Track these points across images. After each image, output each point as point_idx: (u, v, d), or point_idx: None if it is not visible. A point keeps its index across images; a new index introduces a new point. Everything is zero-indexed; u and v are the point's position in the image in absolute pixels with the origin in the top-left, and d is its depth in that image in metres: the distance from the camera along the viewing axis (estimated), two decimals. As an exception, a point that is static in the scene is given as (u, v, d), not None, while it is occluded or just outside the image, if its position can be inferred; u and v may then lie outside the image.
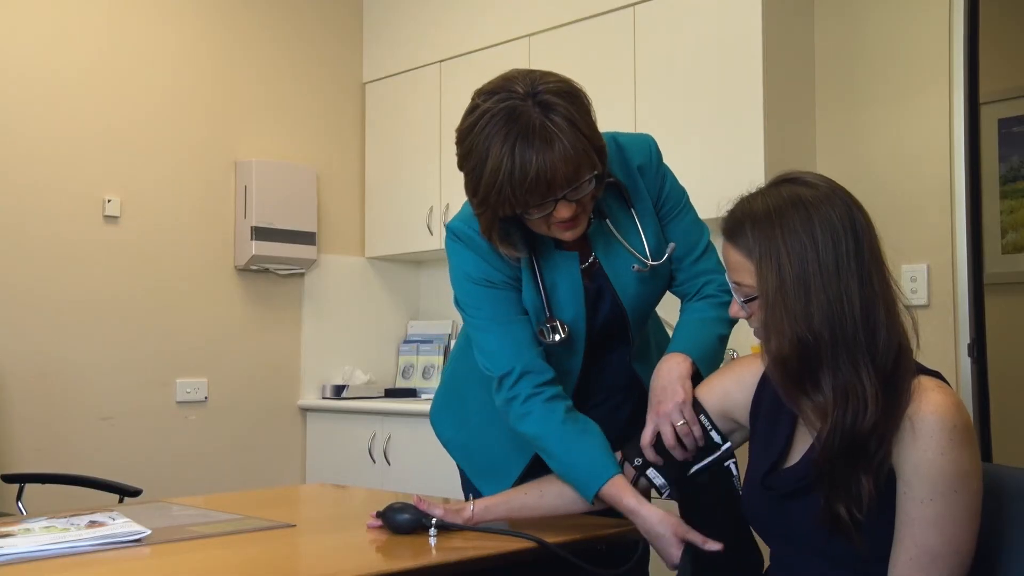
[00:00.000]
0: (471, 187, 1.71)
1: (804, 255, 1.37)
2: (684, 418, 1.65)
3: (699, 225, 1.96)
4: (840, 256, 1.36)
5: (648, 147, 1.91)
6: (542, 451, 1.79)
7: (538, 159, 1.61)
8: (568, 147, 1.62)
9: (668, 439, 1.65)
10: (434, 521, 1.66)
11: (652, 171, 1.89)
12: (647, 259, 1.84)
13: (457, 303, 1.90)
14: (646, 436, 1.67)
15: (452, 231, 1.86)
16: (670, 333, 2.07)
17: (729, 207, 1.48)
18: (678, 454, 1.66)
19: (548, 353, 1.83)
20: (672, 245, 1.86)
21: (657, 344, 2.03)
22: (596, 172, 1.69)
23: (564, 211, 1.68)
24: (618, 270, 1.85)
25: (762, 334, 1.45)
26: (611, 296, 1.85)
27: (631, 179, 1.87)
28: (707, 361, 1.79)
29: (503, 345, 1.81)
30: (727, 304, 1.85)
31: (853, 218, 1.39)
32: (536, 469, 1.88)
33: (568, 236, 1.76)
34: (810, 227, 1.38)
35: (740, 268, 1.44)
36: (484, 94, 1.69)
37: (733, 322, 1.88)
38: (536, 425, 1.76)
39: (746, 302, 1.46)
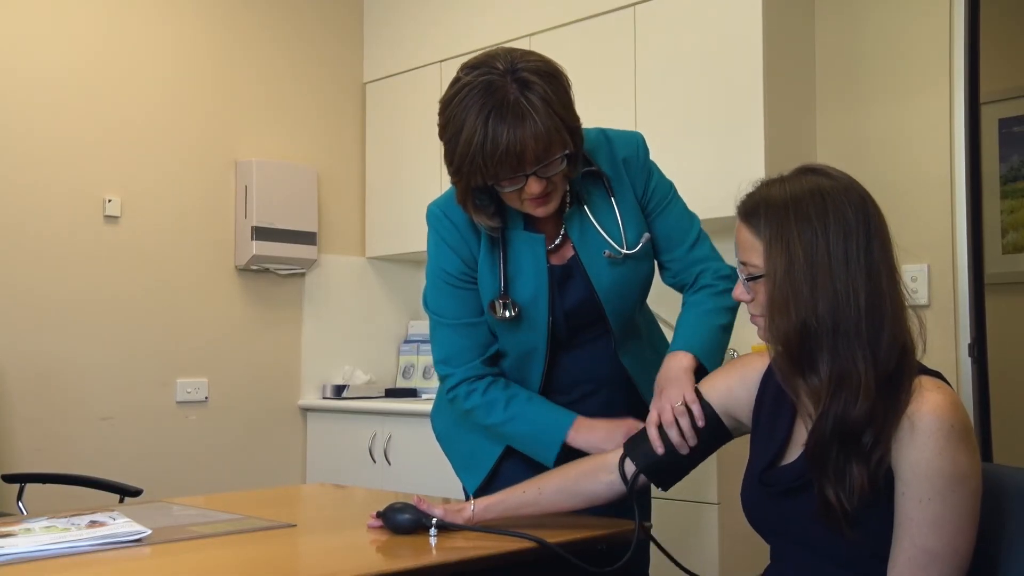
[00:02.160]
0: (448, 156, 1.79)
1: (814, 243, 1.38)
2: (684, 400, 1.66)
3: (689, 215, 2.00)
4: (850, 249, 1.38)
5: (635, 142, 1.96)
6: (502, 437, 1.91)
7: (509, 133, 1.67)
8: (540, 125, 1.68)
9: (667, 419, 1.65)
10: (434, 521, 1.67)
11: (638, 165, 1.94)
12: (622, 247, 1.87)
13: (424, 296, 1.98)
14: (650, 419, 1.69)
15: (427, 215, 1.95)
16: (667, 332, 2.09)
17: (748, 190, 1.50)
18: (674, 436, 1.66)
19: (510, 329, 1.89)
20: (647, 235, 1.91)
21: (651, 342, 2.05)
22: (567, 151, 1.74)
23: (535, 187, 1.74)
24: (592, 255, 1.89)
25: (765, 314, 1.45)
26: (584, 280, 1.89)
27: (616, 170, 1.92)
28: (709, 354, 1.82)
29: (449, 344, 1.92)
30: (726, 292, 1.89)
31: (868, 214, 1.41)
32: (518, 465, 1.93)
33: (539, 212, 1.82)
34: (824, 217, 1.39)
35: (749, 248, 1.46)
36: (467, 68, 1.77)
37: (735, 308, 1.91)
38: (485, 417, 1.89)
39: (749, 280, 1.47)
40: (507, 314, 1.85)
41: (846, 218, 1.39)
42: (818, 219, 1.39)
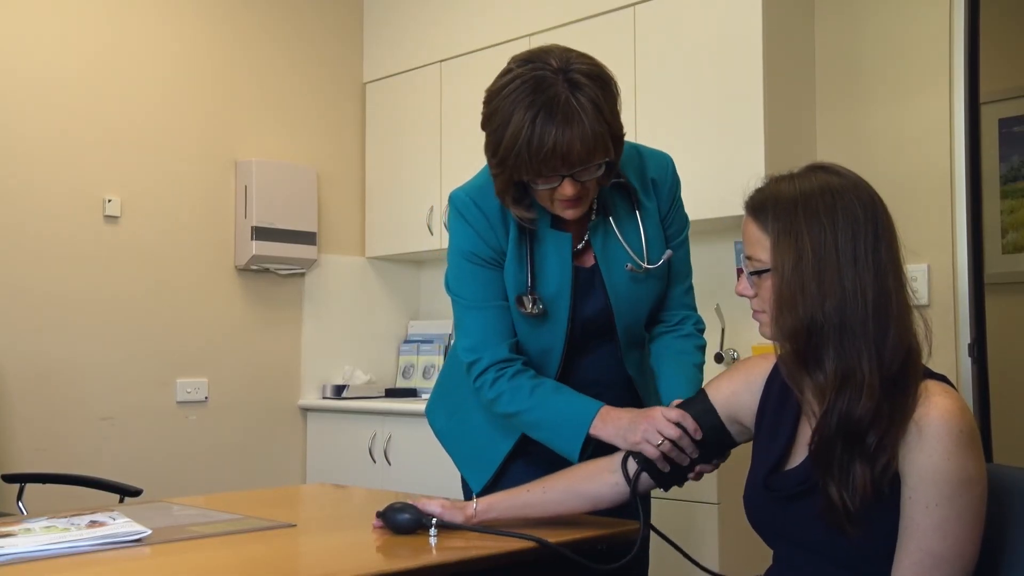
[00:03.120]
0: (491, 148, 1.76)
1: (823, 239, 1.38)
2: (663, 436, 1.65)
3: (690, 263, 2.02)
4: (858, 248, 1.38)
5: (666, 164, 1.96)
6: (524, 426, 1.87)
7: (557, 133, 1.66)
8: (588, 128, 1.67)
9: (663, 438, 1.66)
10: (434, 521, 1.66)
11: (666, 188, 1.94)
12: (643, 262, 1.87)
13: (446, 281, 1.96)
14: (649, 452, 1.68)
15: (452, 201, 1.92)
16: None
17: (757, 185, 1.50)
18: (662, 465, 1.67)
19: (531, 325, 1.87)
20: (669, 252, 1.92)
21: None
22: (608, 159, 1.73)
23: (569, 189, 1.73)
24: (612, 267, 1.89)
25: (770, 310, 1.45)
26: (602, 290, 1.89)
27: (643, 186, 1.92)
28: None
29: (476, 330, 1.89)
30: (704, 347, 1.96)
31: (876, 214, 1.41)
32: (525, 465, 1.92)
33: (568, 214, 1.81)
34: (832, 215, 1.39)
35: (755, 243, 1.46)
36: (519, 60, 1.75)
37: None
38: (509, 404, 1.84)
39: (753, 274, 1.47)
40: (535, 309, 1.84)
41: (855, 217, 1.39)
42: (827, 216, 1.39)
